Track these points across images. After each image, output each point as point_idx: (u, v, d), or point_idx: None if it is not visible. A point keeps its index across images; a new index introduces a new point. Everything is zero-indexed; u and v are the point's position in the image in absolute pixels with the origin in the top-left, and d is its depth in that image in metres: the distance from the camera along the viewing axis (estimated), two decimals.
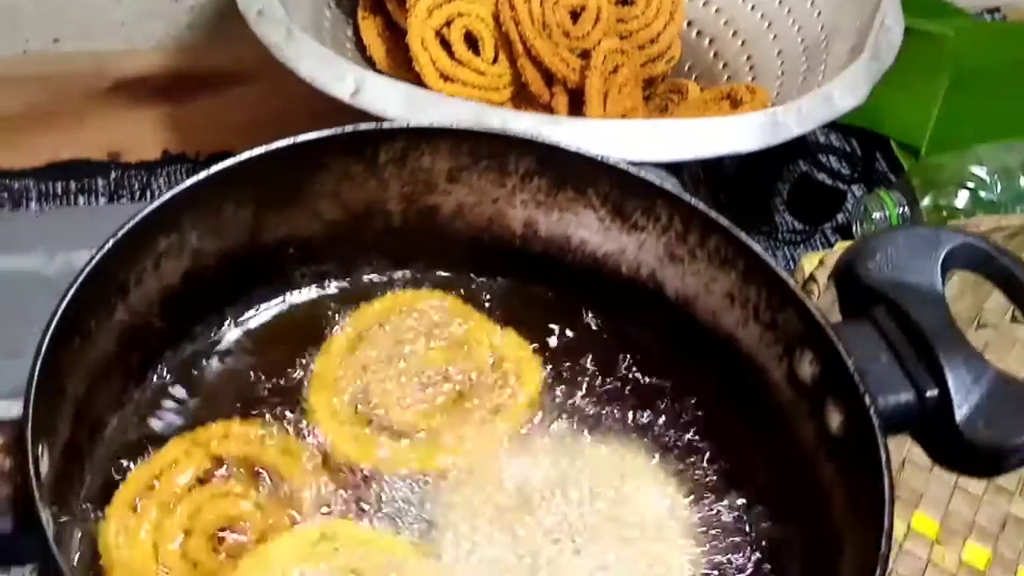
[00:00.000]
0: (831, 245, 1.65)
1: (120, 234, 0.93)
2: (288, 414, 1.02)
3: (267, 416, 1.02)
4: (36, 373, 0.84)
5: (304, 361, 1.07)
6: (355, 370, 1.05)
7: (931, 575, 1.49)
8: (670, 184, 1.04)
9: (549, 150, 1.06)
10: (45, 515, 0.80)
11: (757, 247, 1.00)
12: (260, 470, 0.98)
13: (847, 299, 1.01)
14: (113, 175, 1.65)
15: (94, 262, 0.91)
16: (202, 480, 0.97)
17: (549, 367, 1.07)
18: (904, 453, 1.59)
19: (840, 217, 1.72)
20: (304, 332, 1.10)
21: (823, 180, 1.77)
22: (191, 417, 1.02)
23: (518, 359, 1.07)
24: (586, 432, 1.04)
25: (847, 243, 1.59)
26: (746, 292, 1.03)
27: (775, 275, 0.98)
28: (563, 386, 1.06)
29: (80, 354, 0.94)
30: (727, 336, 1.06)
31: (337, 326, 1.09)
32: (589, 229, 1.10)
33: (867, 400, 0.91)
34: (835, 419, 0.96)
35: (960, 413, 0.93)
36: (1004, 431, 0.93)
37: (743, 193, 1.68)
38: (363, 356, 1.06)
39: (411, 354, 1.06)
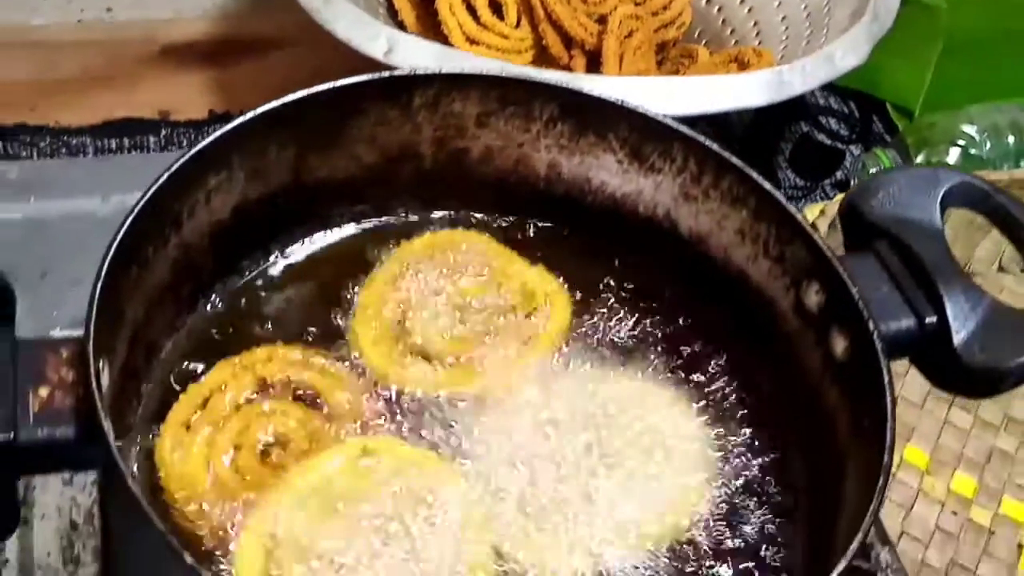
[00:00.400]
0: (830, 199, 1.64)
1: (174, 167, 0.92)
2: (330, 341, 1.02)
3: (309, 341, 1.02)
4: (97, 293, 0.83)
5: (343, 293, 1.06)
6: (396, 301, 1.04)
7: (921, 503, 1.49)
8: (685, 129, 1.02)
9: (572, 96, 1.05)
10: (107, 424, 0.79)
11: (768, 185, 0.99)
12: (302, 391, 0.98)
13: (851, 235, 1.00)
14: (163, 132, 1.64)
15: (151, 193, 0.90)
16: (249, 400, 0.97)
17: (576, 301, 1.06)
18: (898, 390, 1.58)
19: (839, 174, 1.71)
20: (342, 267, 1.09)
21: (823, 140, 1.75)
22: (238, 343, 1.01)
23: (549, 293, 1.06)
24: (610, 364, 1.03)
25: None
26: (756, 228, 1.02)
27: (784, 211, 0.97)
28: (590, 319, 1.06)
29: (137, 281, 0.93)
30: (738, 271, 1.05)
31: (379, 261, 1.08)
32: (609, 172, 1.09)
33: (871, 326, 0.90)
34: (840, 345, 0.94)
35: (958, 338, 0.91)
36: (999, 355, 0.91)
37: (749, 152, 1.66)
38: (404, 289, 1.05)
39: (448, 288, 1.06)
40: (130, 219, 0.88)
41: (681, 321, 1.07)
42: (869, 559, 1.07)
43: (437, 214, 1.13)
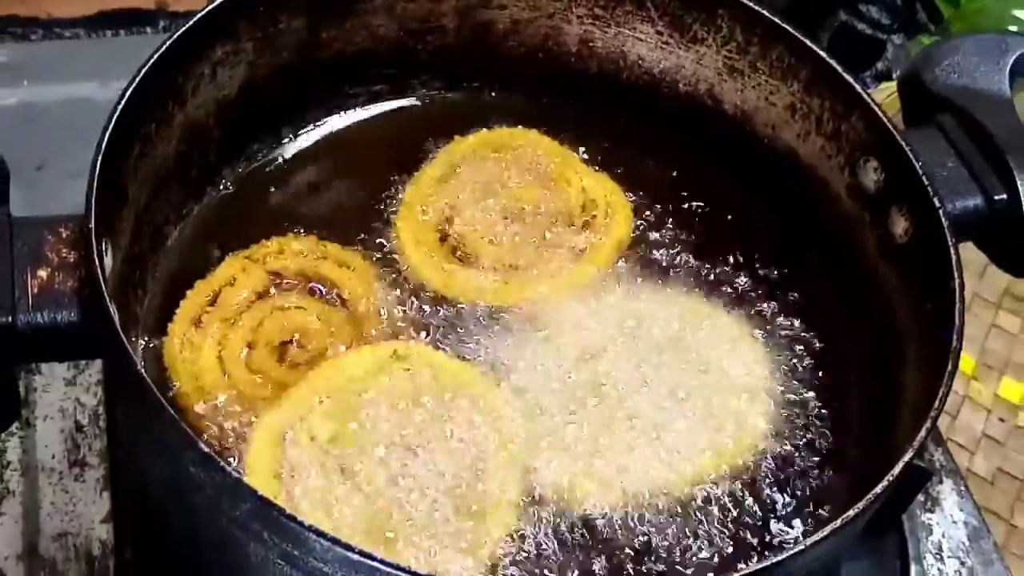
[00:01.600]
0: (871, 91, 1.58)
1: (177, 35, 0.87)
2: (352, 232, 0.96)
3: (326, 234, 0.96)
4: (98, 166, 0.78)
5: (364, 181, 1.01)
6: (444, 201, 0.98)
7: (967, 409, 1.45)
8: None
9: None
10: (112, 307, 0.75)
11: (822, 52, 0.93)
12: (319, 286, 0.93)
13: (913, 108, 0.94)
14: (161, 24, 1.57)
15: (152, 61, 0.85)
16: (262, 295, 0.92)
17: (637, 211, 0.99)
18: None
19: (880, 65, 1.64)
20: (360, 152, 1.04)
21: (863, 29, 1.68)
22: (250, 232, 0.97)
23: (610, 203, 0.99)
24: (662, 277, 0.96)
25: (889, 84, 1.52)
26: (808, 103, 0.96)
27: (842, 80, 0.92)
28: (650, 232, 0.99)
29: (140, 159, 0.88)
30: (787, 151, 1.00)
31: (430, 156, 1.01)
32: (647, 44, 1.03)
33: (936, 203, 0.85)
34: (900, 226, 0.90)
35: None
36: None
37: None
38: (453, 188, 0.99)
39: (501, 190, 0.99)
40: (130, 90, 0.83)
41: (729, 217, 1.01)
42: (923, 459, 1.03)
43: (459, 95, 1.07)
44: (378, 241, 0.96)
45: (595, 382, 0.89)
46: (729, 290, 0.96)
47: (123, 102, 0.82)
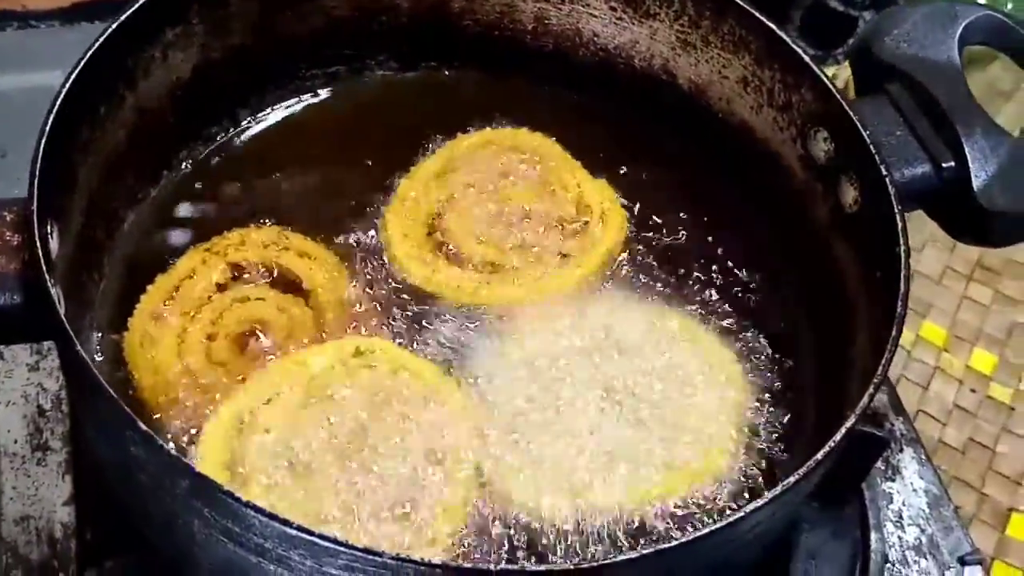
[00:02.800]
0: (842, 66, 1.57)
1: (123, 18, 0.86)
2: (314, 219, 0.95)
3: (288, 220, 0.95)
4: (41, 150, 0.78)
5: (323, 167, 1.00)
6: (437, 196, 0.97)
7: (939, 380, 1.44)
8: None
9: None
10: (55, 291, 0.74)
11: (771, 25, 0.92)
12: (284, 277, 0.92)
13: (863, 77, 0.94)
14: None
15: (97, 44, 0.84)
16: (222, 288, 0.91)
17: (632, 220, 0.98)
18: (915, 265, 1.52)
19: (852, 42, 1.63)
20: (316, 137, 1.03)
21: (835, 7, 1.67)
22: (207, 217, 0.96)
23: (605, 210, 0.97)
24: (649, 294, 0.93)
25: None
26: (760, 75, 0.95)
27: (791, 52, 0.91)
28: (640, 244, 0.96)
29: (90, 143, 0.88)
30: (741, 124, 0.99)
31: (428, 151, 1.00)
32: (601, 21, 1.02)
33: (883, 171, 0.84)
34: (849, 195, 0.89)
35: (977, 182, 0.86)
36: (1021, 198, 0.85)
37: None
38: (448, 184, 0.97)
39: (496, 189, 0.97)
40: (76, 73, 0.82)
41: (685, 192, 1.00)
42: (882, 428, 1.02)
43: (417, 75, 1.07)
44: (357, 232, 0.95)
45: (559, 392, 0.87)
46: (696, 294, 0.95)
47: (68, 85, 0.82)
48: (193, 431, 0.84)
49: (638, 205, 0.99)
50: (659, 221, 0.98)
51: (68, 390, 0.99)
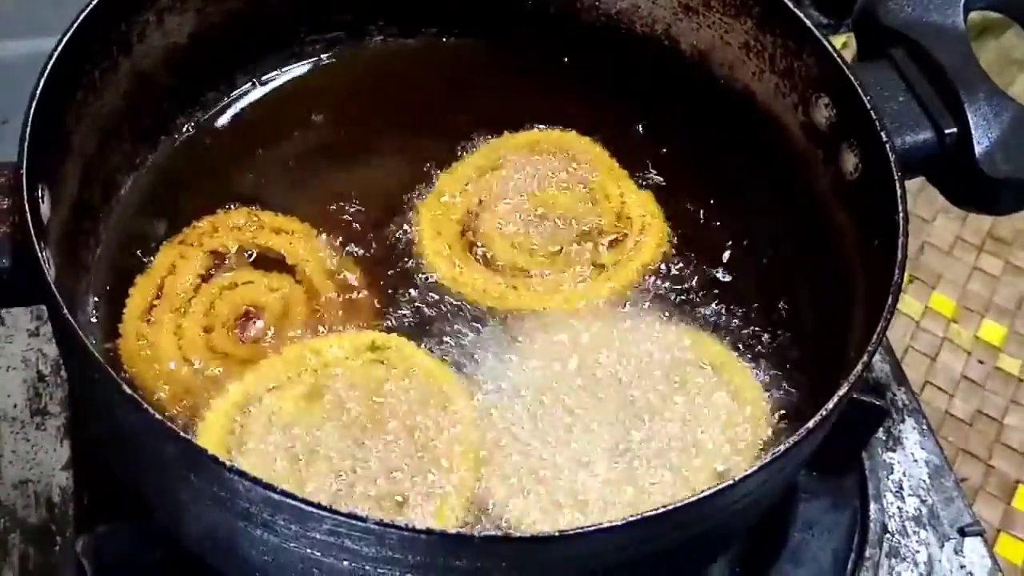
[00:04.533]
0: None
1: None
2: (280, 198, 0.94)
3: (286, 185, 0.95)
4: (32, 111, 0.77)
5: (312, 134, 0.99)
6: (475, 195, 0.94)
7: (947, 351, 1.43)
8: None
9: None
10: (44, 255, 0.74)
11: None
12: (263, 254, 0.90)
13: (865, 42, 0.92)
14: None
15: (91, 7, 0.83)
16: (206, 278, 0.89)
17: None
18: (925, 235, 1.50)
19: (855, 7, 1.59)
20: (312, 104, 1.01)
21: None
22: (207, 185, 0.95)
23: (647, 224, 0.94)
24: (675, 317, 0.90)
25: None
26: (762, 40, 0.94)
27: (792, 16, 0.89)
28: (675, 258, 0.93)
29: (84, 106, 0.86)
30: (743, 91, 0.97)
31: (471, 148, 0.97)
32: None
33: (883, 137, 0.82)
34: (850, 162, 0.87)
35: (980, 149, 0.84)
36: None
37: None
38: (488, 183, 0.95)
39: (537, 193, 0.95)
40: (68, 36, 0.81)
41: (687, 162, 0.99)
42: (883, 398, 1.01)
43: (417, 41, 1.05)
44: (390, 225, 0.93)
45: (572, 405, 0.84)
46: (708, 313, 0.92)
47: (60, 49, 0.81)
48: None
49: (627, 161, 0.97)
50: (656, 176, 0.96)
51: (61, 356, 0.99)
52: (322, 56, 1.04)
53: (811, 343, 0.90)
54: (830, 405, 0.71)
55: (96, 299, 0.89)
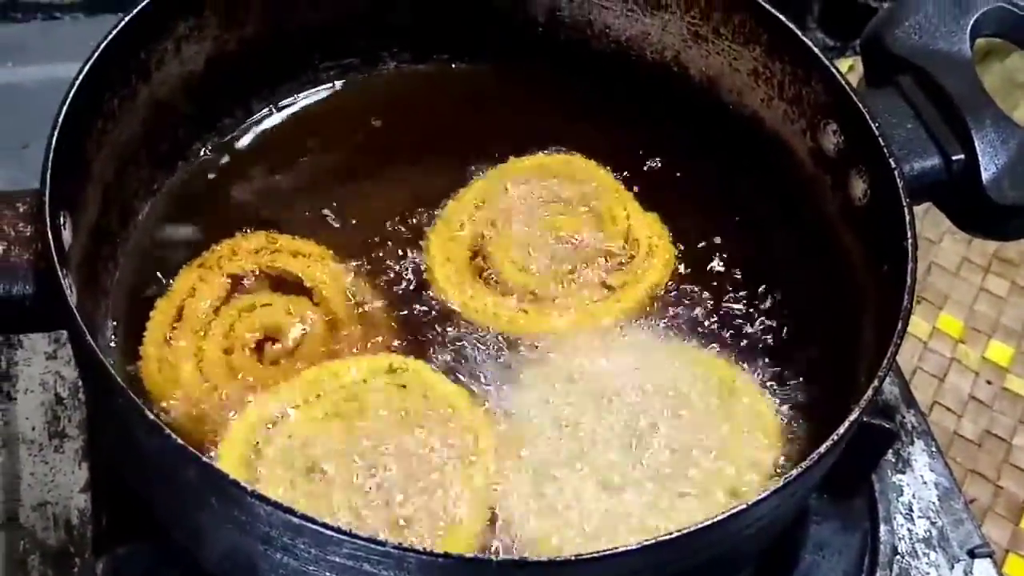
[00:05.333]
0: None
1: (136, 12, 0.87)
2: (297, 222, 0.95)
3: (302, 217, 0.96)
4: (54, 141, 0.78)
5: (333, 159, 1.00)
6: (483, 221, 0.95)
7: (955, 372, 1.44)
8: None
9: None
10: (67, 282, 0.75)
11: (782, 18, 0.91)
12: (281, 277, 0.91)
13: (873, 69, 0.93)
14: None
15: (111, 36, 0.84)
16: (225, 300, 0.90)
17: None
18: (931, 256, 1.51)
19: (863, 33, 1.61)
20: (332, 129, 1.03)
21: None
22: (223, 208, 0.96)
23: (654, 246, 0.95)
24: (685, 338, 0.91)
25: None
26: (770, 68, 0.95)
27: (801, 45, 0.90)
28: (686, 280, 0.94)
29: (104, 134, 0.88)
30: (752, 116, 0.99)
31: (481, 173, 0.99)
32: (612, 12, 1.02)
33: (892, 164, 0.83)
34: (859, 188, 0.88)
35: (987, 175, 0.85)
36: None
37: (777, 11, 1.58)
38: (495, 209, 0.96)
39: (544, 217, 0.96)
40: (89, 65, 0.83)
41: (695, 187, 1.00)
42: (892, 420, 1.02)
43: (430, 67, 1.07)
44: (401, 249, 0.94)
45: (587, 431, 0.84)
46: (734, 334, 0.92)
47: (81, 78, 0.82)
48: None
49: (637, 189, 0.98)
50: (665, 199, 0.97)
51: (82, 379, 1.00)
52: (336, 82, 1.06)
53: (821, 364, 0.91)
54: (841, 430, 0.72)
55: (115, 323, 0.90)
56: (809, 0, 1.60)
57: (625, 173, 1.00)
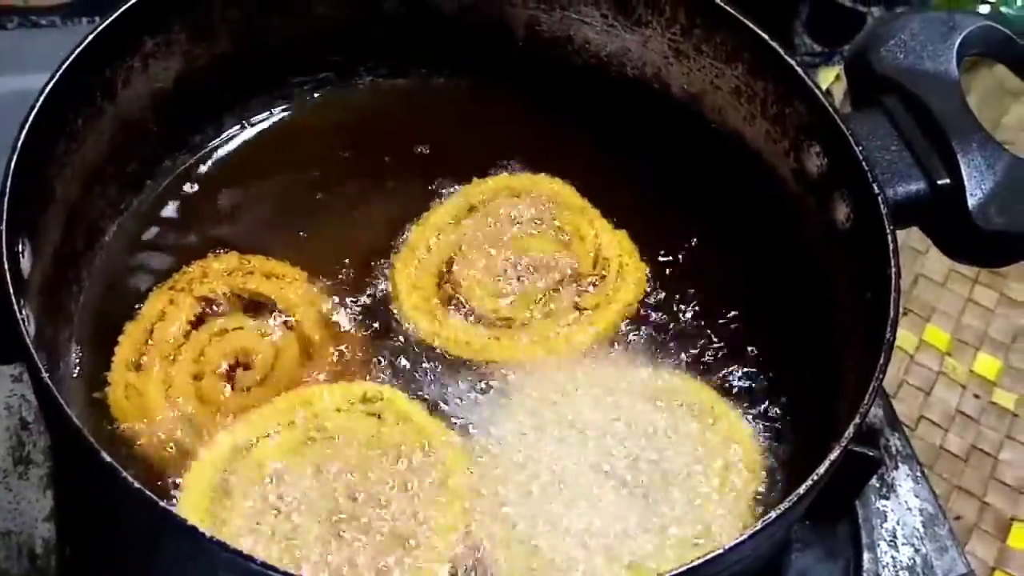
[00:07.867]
0: None
1: (100, 29, 0.84)
2: (269, 243, 0.93)
3: (275, 229, 0.94)
4: (12, 165, 0.75)
5: (302, 176, 0.97)
6: (448, 245, 0.93)
7: (941, 386, 1.41)
8: None
9: None
10: (24, 312, 0.72)
11: (764, 35, 0.89)
12: (254, 300, 0.89)
13: (858, 90, 0.90)
14: None
15: (74, 54, 0.82)
16: (196, 324, 0.88)
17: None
18: (919, 267, 1.49)
19: (847, 52, 1.59)
20: (305, 148, 1.00)
21: (843, 2, 1.63)
22: (192, 228, 0.94)
23: (624, 264, 0.93)
24: (661, 361, 0.89)
25: None
26: (753, 86, 0.92)
27: (783, 63, 0.88)
28: (662, 301, 0.92)
29: (68, 156, 0.85)
30: (734, 134, 0.96)
31: (443, 197, 0.96)
32: (592, 28, 0.99)
33: (875, 189, 0.81)
34: (842, 211, 0.86)
35: (973, 201, 0.83)
36: (1018, 219, 0.82)
37: (762, 16, 1.56)
38: (461, 232, 0.94)
39: (511, 239, 0.94)
40: (50, 85, 0.80)
41: (674, 206, 0.98)
42: (877, 446, 1.00)
43: (407, 81, 1.04)
44: (366, 277, 0.92)
45: (562, 460, 0.82)
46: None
47: (42, 98, 0.79)
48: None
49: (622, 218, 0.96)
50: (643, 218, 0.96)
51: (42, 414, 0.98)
52: (311, 96, 1.03)
53: (801, 388, 0.89)
54: (821, 470, 0.70)
55: (80, 347, 0.88)
56: (796, 4, 1.58)
57: (598, 191, 0.97)
